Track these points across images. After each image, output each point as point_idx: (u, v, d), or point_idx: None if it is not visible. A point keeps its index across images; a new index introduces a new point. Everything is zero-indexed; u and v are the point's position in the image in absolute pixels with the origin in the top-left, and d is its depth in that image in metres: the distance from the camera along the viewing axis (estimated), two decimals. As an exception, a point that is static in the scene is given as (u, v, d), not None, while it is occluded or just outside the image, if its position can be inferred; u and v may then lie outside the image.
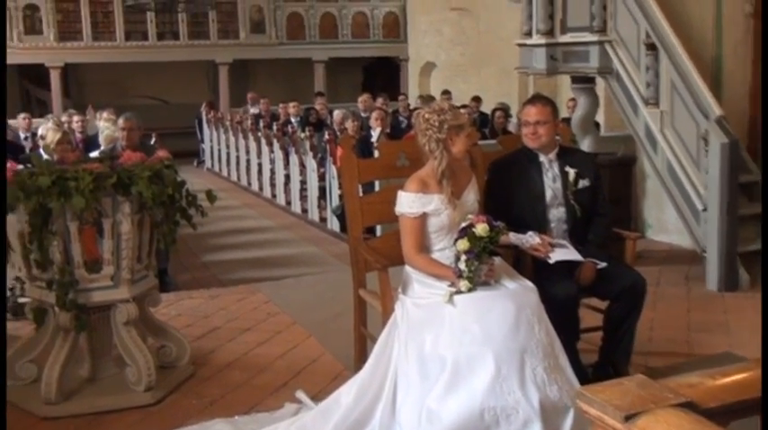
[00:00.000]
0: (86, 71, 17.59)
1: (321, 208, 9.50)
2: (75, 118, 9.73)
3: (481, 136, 7.85)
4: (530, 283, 3.29)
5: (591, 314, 3.98)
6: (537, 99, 3.89)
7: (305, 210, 9.97)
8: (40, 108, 16.37)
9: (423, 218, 3.35)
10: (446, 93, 12.74)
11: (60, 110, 14.53)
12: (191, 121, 15.59)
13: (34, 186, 3.51)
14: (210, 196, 3.94)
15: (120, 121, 6.36)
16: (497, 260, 3.34)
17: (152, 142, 8.35)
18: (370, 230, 5.41)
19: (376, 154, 6.10)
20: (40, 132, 6.50)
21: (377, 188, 5.70)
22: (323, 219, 9.37)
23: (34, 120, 10.50)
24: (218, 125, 14.09)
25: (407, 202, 3.36)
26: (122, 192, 3.67)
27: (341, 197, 8.16)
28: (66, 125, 8.72)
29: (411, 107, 12.17)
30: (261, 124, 12.24)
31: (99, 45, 16.17)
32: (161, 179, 3.75)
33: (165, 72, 17.36)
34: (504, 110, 10.43)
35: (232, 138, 13.27)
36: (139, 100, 17.23)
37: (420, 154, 3.48)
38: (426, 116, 3.39)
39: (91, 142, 7.97)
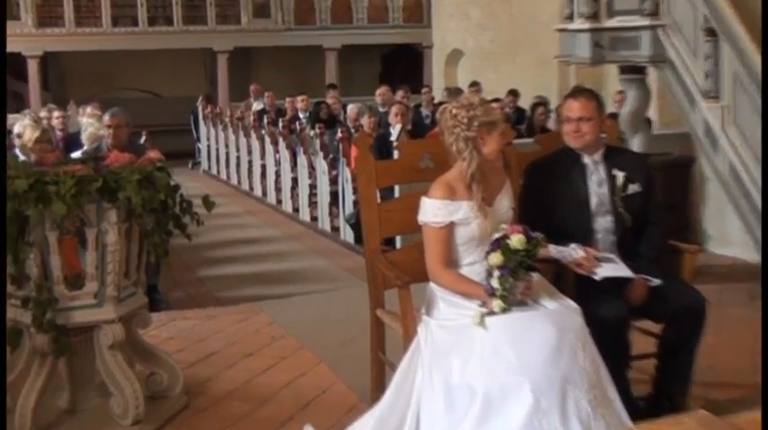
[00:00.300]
0: (68, 61, 17.79)
1: (333, 216, 9.49)
2: (56, 113, 9.78)
3: (516, 134, 7.74)
4: (573, 303, 3.29)
5: (643, 339, 3.95)
6: (580, 92, 3.89)
7: (314, 219, 9.99)
8: (15, 102, 16.50)
9: (450, 228, 3.36)
10: (475, 84, 12.74)
11: (39, 104, 14.68)
12: (185, 118, 15.73)
13: (9, 191, 3.52)
14: (208, 202, 3.97)
15: (106, 118, 6.40)
16: (535, 276, 3.35)
17: (142, 141, 8.40)
18: (390, 242, 5.38)
19: (396, 154, 6.04)
20: (15, 130, 6.51)
21: (397, 194, 5.81)
22: (335, 229, 9.36)
23: (9, 116, 10.57)
24: (217, 122, 14.14)
25: (432, 210, 3.38)
26: (108, 197, 3.69)
27: (355, 204, 8.24)
28: (45, 122, 8.72)
29: (436, 101, 12.17)
30: (265, 120, 12.25)
31: (83, 31, 16.37)
32: (152, 183, 3.77)
33: (157, 62, 17.53)
34: (545, 104, 10.40)
35: (232, 137, 13.28)
36: (128, 93, 17.40)
37: (446, 155, 3.49)
38: (454, 112, 3.40)
39: (73, 141, 7.99)
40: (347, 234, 8.89)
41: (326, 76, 17.00)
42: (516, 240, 3.19)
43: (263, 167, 11.98)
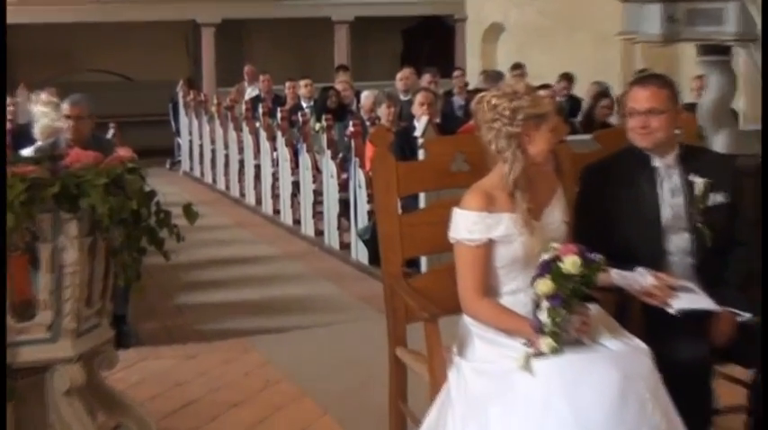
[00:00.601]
0: (17, 36, 17.74)
1: (343, 230, 9.45)
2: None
3: (570, 129, 7.76)
4: (641, 343, 3.28)
5: (730, 387, 3.92)
6: (649, 79, 3.89)
7: (320, 233, 9.94)
8: (-48, 87, 16.62)
9: (487, 247, 3.37)
10: (518, 67, 12.70)
11: (-20, 90, 14.75)
12: (163, 106, 15.71)
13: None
14: (190, 212, 3.97)
15: (65, 107, 6.41)
16: (593, 309, 3.35)
17: (109, 136, 8.57)
18: (413, 263, 5.46)
19: (421, 154, 6.19)
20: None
21: (422, 203, 5.86)
22: (345, 246, 9.33)
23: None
24: (201, 111, 14.12)
25: (466, 225, 3.39)
26: (67, 206, 3.68)
27: (371, 215, 8.22)
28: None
29: (470, 87, 12.10)
30: (260, 110, 12.12)
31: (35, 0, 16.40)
32: (121, 188, 3.77)
33: (129, 38, 17.51)
34: (608, 94, 10.37)
35: (219, 130, 13.26)
36: (92, 76, 17.44)
37: (483, 155, 3.50)
38: (493, 102, 3.41)
39: (23, 135, 7.90)
40: (360, 253, 8.86)
41: (336, 56, 16.97)
42: (570, 263, 3.18)
43: (258, 169, 11.96)
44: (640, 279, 3.54)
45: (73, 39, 17.50)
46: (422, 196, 5.99)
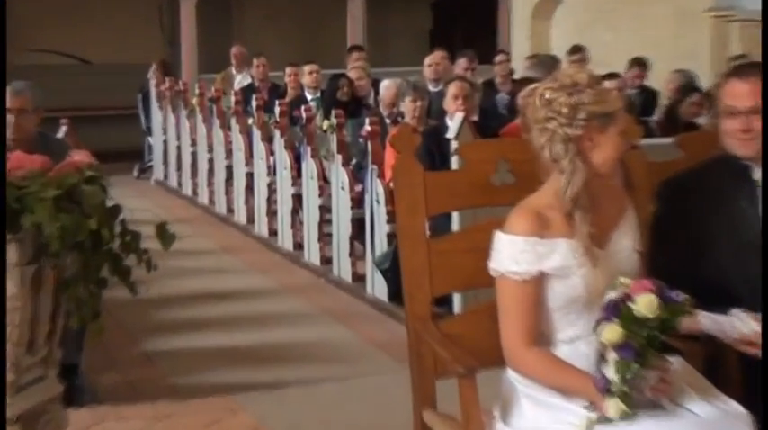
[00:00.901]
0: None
1: (355, 257, 9.40)
2: None
3: (645, 131, 7.60)
4: (738, 406, 3.27)
5: None
6: (751, 69, 3.90)
7: (327, 261, 9.88)
8: None
9: (539, 282, 3.39)
10: (578, 51, 12.70)
11: None
12: (130, 98, 15.66)
13: None
14: (164, 234, 3.98)
15: (8, 98, 6.26)
16: (675, 362, 3.35)
17: (61, 135, 8.42)
18: (445, 301, 5.55)
19: (455, 162, 6.19)
20: None
21: (456, 225, 5.94)
22: (358, 277, 9.28)
23: None
24: (179, 104, 14.09)
25: (512, 253, 3.40)
26: (6, 225, 3.65)
27: (391, 239, 8.24)
28: None
29: (516, 76, 12.06)
30: (253, 103, 11.88)
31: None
32: (77, 203, 3.76)
33: (87, 10, 17.56)
34: (697, 88, 10.28)
35: (202, 128, 13.23)
36: (38, 57, 17.37)
37: (534, 164, 3.51)
38: (547, 96, 3.43)
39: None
40: (377, 286, 8.80)
41: (348, 35, 16.92)
42: (644, 303, 3.18)
43: (250, 178, 11.91)
44: (737, 324, 3.53)
45: (12, 9, 17.52)
46: (455, 216, 6.07)
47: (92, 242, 3.78)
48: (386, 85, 10.70)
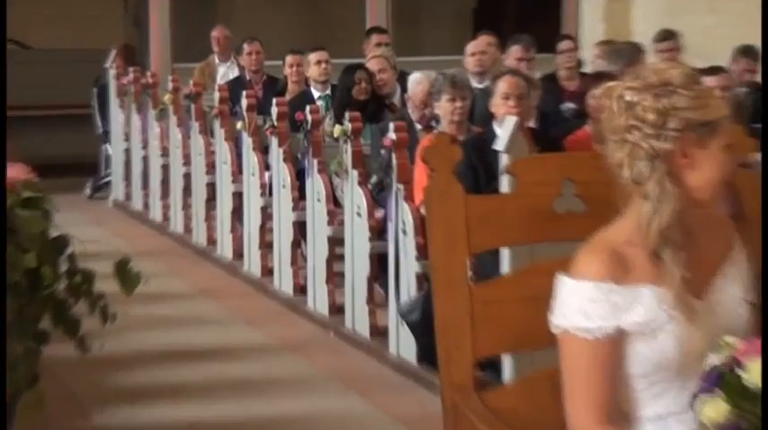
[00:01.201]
0: None
1: (374, 305, 8.81)
2: None
3: (759, 144, 7.58)
4: None
5: None
6: None
7: (339, 310, 9.24)
8: None
9: (616, 342, 3.26)
10: (668, 37, 12.11)
11: None
12: (82, 93, 15.00)
13: None
14: (125, 273, 4.25)
15: None
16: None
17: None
18: (492, 366, 5.76)
19: (506, 182, 6.20)
20: None
21: (506, 266, 6.02)
22: (378, 332, 8.67)
23: None
24: (146, 101, 13.29)
25: (581, 304, 3.26)
26: None
27: (422, 281, 7.91)
28: None
29: (586, 70, 11.96)
30: (242, 102, 11.08)
31: None
32: (11, 232, 4.02)
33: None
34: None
35: (176, 133, 12.45)
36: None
37: (610, 186, 3.40)
38: (628, 97, 3.27)
39: None
40: (402, 344, 8.26)
41: (368, 15, 16.54)
42: (758, 371, 3.02)
43: (238, 199, 11.15)
44: None
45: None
46: (506, 254, 6.02)
47: (29, 283, 4.07)
48: (416, 80, 9.94)
